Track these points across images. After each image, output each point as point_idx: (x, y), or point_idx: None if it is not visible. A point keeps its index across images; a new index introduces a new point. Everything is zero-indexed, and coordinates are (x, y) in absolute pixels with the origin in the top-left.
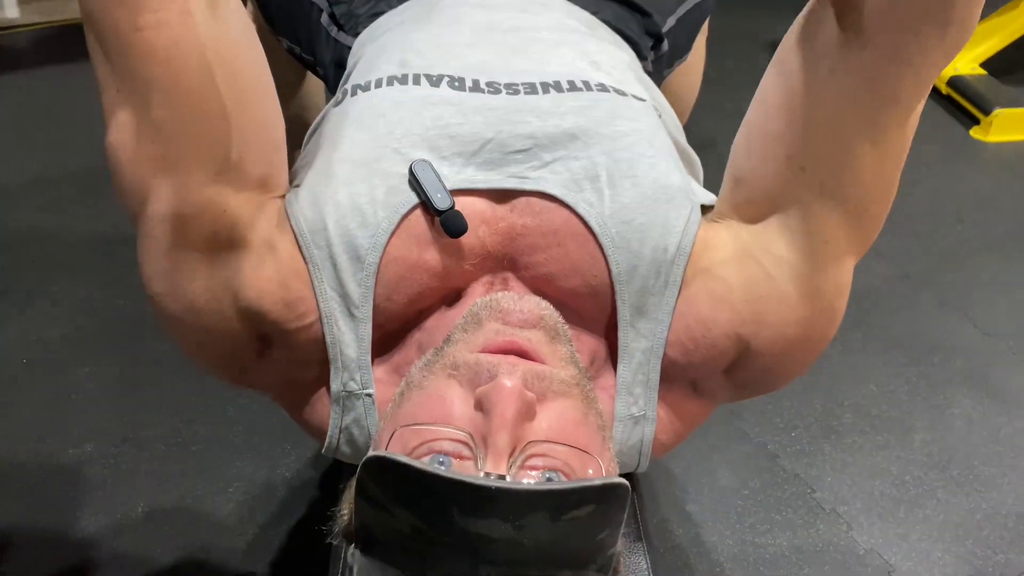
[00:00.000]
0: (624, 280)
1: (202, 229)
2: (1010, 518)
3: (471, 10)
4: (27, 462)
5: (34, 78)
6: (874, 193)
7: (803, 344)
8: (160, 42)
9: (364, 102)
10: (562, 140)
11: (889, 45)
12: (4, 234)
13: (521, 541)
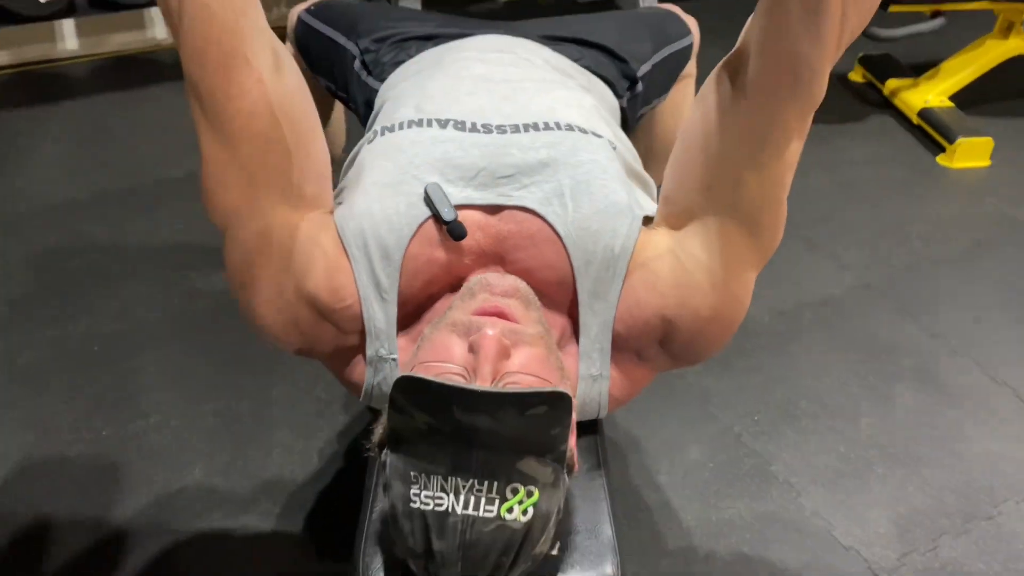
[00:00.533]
0: (582, 272)
1: (271, 236)
2: (937, 489)
3: (472, 64)
4: (102, 430)
5: (92, 104)
6: (762, 209)
7: (714, 324)
8: (244, 104)
9: (390, 140)
10: (537, 168)
11: (760, 102)
12: (72, 243)
13: (499, 431)
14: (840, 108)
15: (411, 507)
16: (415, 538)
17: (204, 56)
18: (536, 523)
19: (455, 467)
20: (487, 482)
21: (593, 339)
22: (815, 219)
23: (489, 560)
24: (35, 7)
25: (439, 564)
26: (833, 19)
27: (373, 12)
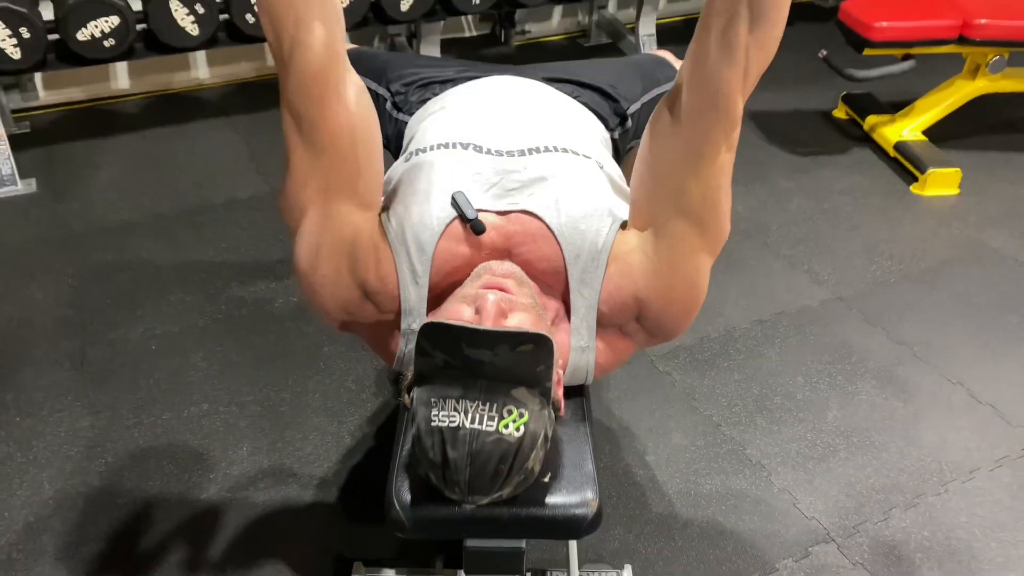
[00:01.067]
0: (572, 263)
1: (337, 230)
2: (892, 471)
3: (487, 100)
4: (162, 415)
5: (142, 137)
6: (704, 208)
7: (676, 303)
8: (331, 126)
9: (424, 159)
10: (538, 181)
11: (691, 125)
12: (127, 258)
13: (497, 363)
14: (824, 142)
15: (431, 425)
16: (434, 451)
17: (307, 89)
18: (527, 439)
19: (464, 392)
20: (488, 403)
21: (581, 317)
22: (796, 240)
23: (490, 466)
24: (99, 50)
25: (453, 471)
26: (738, 62)
27: (399, 60)
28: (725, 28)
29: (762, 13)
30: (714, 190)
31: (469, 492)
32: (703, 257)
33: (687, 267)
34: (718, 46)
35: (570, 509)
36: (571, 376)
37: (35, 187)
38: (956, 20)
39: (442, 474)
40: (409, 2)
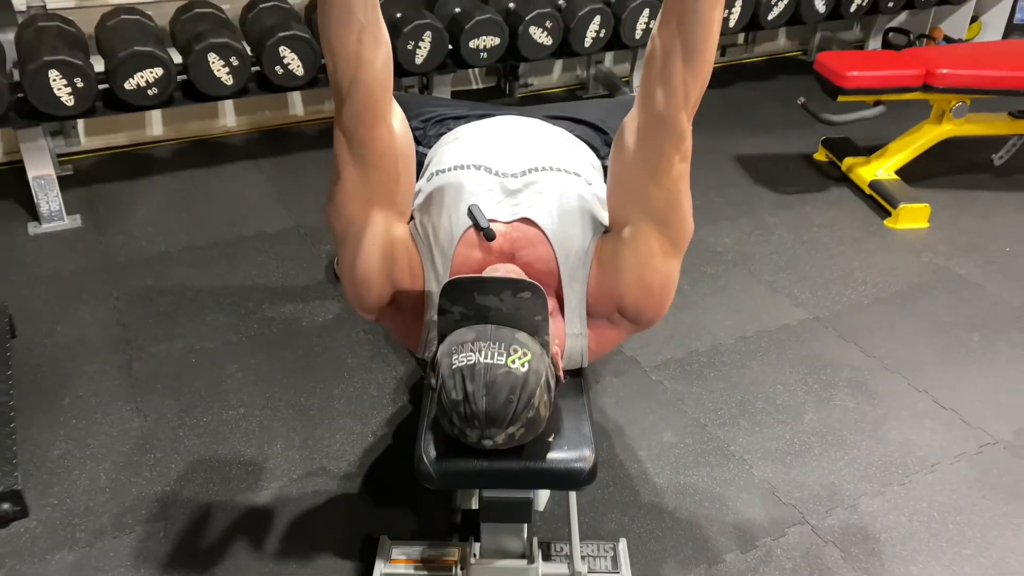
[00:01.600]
0: (563, 263)
1: (377, 236)
2: (862, 465)
3: (495, 131)
4: (202, 418)
5: (175, 178)
6: (667, 210)
7: (650, 295)
8: (378, 147)
9: (444, 178)
10: (536, 195)
11: (646, 142)
12: (166, 284)
13: (501, 308)
14: (805, 181)
15: (452, 368)
16: (456, 389)
17: (361, 116)
18: (531, 374)
19: (477, 336)
20: (498, 343)
21: (573, 308)
22: (777, 267)
23: (502, 395)
24: (143, 98)
25: (472, 402)
26: (678, 90)
27: (418, 101)
28: (663, 64)
29: (693, 49)
30: (674, 194)
31: (486, 424)
32: (670, 252)
33: (656, 261)
34: (660, 79)
35: (571, 463)
36: (568, 359)
37: (80, 222)
38: (920, 70)
39: (463, 410)
40: (423, 56)
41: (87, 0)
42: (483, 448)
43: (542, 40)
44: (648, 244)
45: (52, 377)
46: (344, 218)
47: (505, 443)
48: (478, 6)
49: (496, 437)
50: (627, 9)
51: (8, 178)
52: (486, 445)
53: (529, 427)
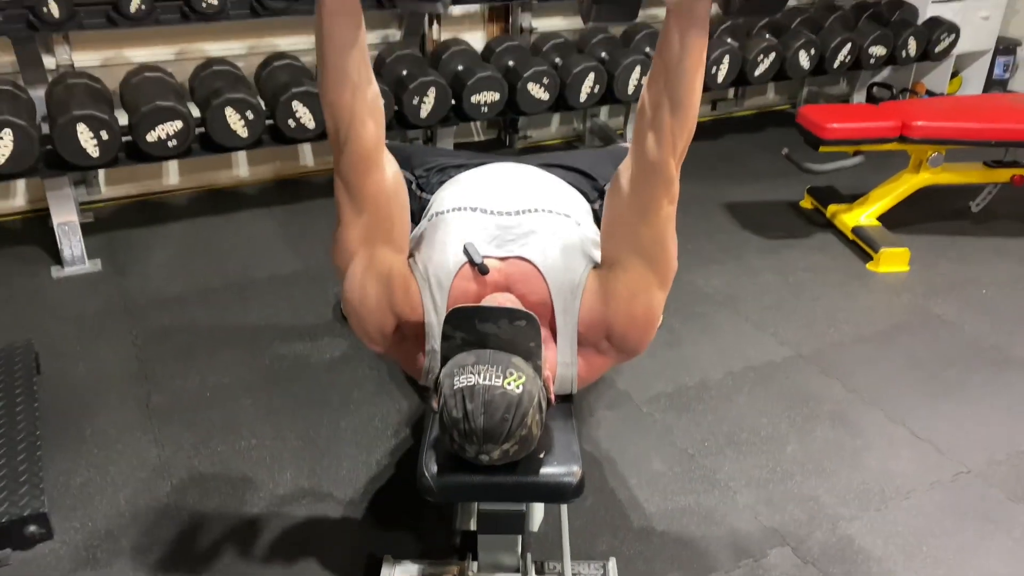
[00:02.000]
0: (556, 296)
1: (376, 269)
2: (840, 492)
3: (492, 176)
4: (217, 447)
5: (192, 224)
6: (654, 248)
7: (635, 326)
8: (373, 191)
9: (443, 219)
10: (529, 234)
11: (637, 187)
12: (182, 323)
13: (499, 335)
14: (791, 228)
15: (454, 388)
16: (457, 407)
17: (357, 165)
18: (525, 395)
19: (477, 359)
20: (495, 366)
21: (565, 339)
22: (763, 308)
23: (499, 414)
24: (163, 149)
25: (471, 419)
26: (666, 139)
27: (422, 151)
28: (653, 116)
29: (679, 104)
30: (661, 234)
31: (484, 440)
32: (656, 287)
33: (643, 295)
34: (650, 128)
35: (560, 478)
36: (559, 386)
37: (100, 266)
38: (896, 122)
39: (463, 427)
40: (427, 110)
41: (112, 59)
42: (480, 463)
43: (540, 95)
44: (637, 278)
45: (75, 410)
46: (346, 255)
47: (500, 459)
48: (479, 64)
49: (492, 453)
50: (619, 67)
51: (33, 225)
52: (483, 460)
53: (522, 444)
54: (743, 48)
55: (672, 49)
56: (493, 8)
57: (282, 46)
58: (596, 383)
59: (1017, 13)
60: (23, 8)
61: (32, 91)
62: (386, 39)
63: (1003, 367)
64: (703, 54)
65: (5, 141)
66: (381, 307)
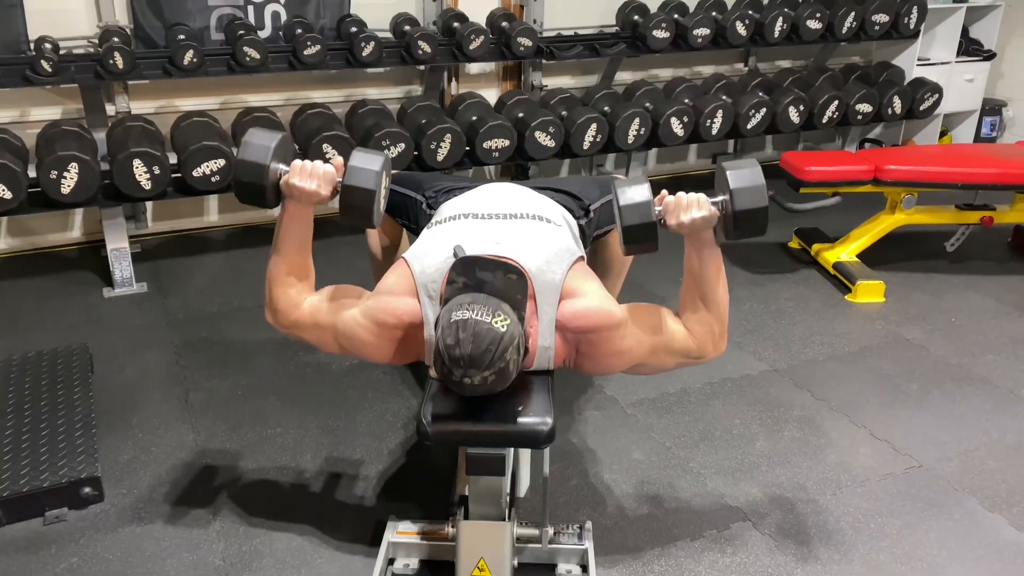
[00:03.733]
0: (539, 291)
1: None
2: (801, 480)
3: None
4: (246, 435)
5: (229, 256)
6: (649, 360)
7: (615, 357)
8: (306, 316)
9: (441, 227)
10: (516, 238)
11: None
12: (220, 336)
13: (494, 283)
14: (777, 264)
15: (451, 320)
16: (451, 335)
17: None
18: (507, 334)
19: (473, 300)
20: (487, 307)
21: (545, 326)
22: (745, 331)
23: (483, 344)
24: (207, 184)
25: (460, 346)
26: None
27: (431, 177)
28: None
29: (713, 295)
30: (659, 360)
31: (469, 365)
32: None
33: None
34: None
35: (535, 426)
36: (538, 362)
37: (146, 288)
38: (870, 166)
39: (454, 352)
40: (443, 154)
41: (165, 107)
42: (463, 386)
43: (546, 143)
44: (642, 345)
45: (123, 402)
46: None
47: (480, 384)
48: (492, 114)
49: (474, 377)
50: (620, 118)
51: (87, 254)
52: (465, 383)
53: (499, 375)
54: (736, 104)
55: (694, 263)
56: (507, 67)
57: (315, 97)
58: (585, 389)
59: (1002, 76)
60: (92, 60)
61: (95, 132)
62: (408, 93)
63: (962, 383)
64: (719, 263)
65: (71, 174)
66: (372, 341)
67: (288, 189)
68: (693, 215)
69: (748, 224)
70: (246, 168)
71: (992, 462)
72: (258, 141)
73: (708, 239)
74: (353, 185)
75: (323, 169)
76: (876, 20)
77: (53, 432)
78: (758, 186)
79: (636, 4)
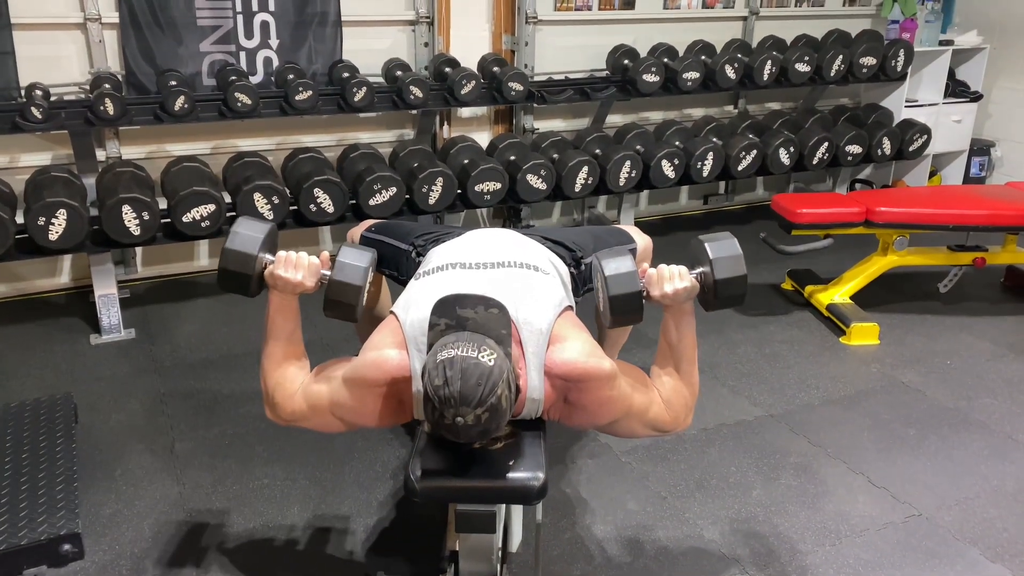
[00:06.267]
0: (526, 340)
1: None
2: (799, 530)
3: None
4: (232, 486)
5: (218, 301)
6: (625, 424)
7: (602, 410)
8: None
9: (429, 277)
10: (505, 288)
11: (641, 403)
12: (207, 383)
13: (476, 319)
14: (771, 306)
15: (437, 361)
16: (439, 376)
17: (279, 418)
18: (495, 369)
19: (457, 338)
20: (472, 343)
21: (534, 371)
22: (739, 374)
23: (473, 380)
24: (197, 230)
25: (449, 384)
26: (681, 393)
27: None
28: (664, 379)
29: (687, 365)
30: (633, 426)
31: (460, 403)
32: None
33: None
34: (670, 389)
35: (526, 482)
36: (528, 411)
37: (134, 334)
38: (861, 208)
39: (443, 392)
40: (435, 197)
41: (156, 152)
42: (457, 427)
43: (538, 185)
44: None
45: (107, 453)
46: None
47: (473, 424)
48: (483, 157)
49: (467, 416)
50: (611, 161)
51: (75, 300)
52: (458, 423)
53: (492, 413)
54: (726, 146)
55: (671, 334)
56: (498, 110)
57: (307, 141)
58: (579, 437)
59: (990, 117)
60: (82, 107)
61: (85, 178)
62: (401, 137)
63: (960, 428)
64: (694, 330)
65: (60, 220)
66: (360, 401)
67: (272, 280)
68: (676, 286)
69: (729, 291)
70: (233, 257)
71: (993, 510)
72: (247, 231)
73: (688, 310)
74: (340, 280)
75: (308, 261)
76: (864, 63)
77: (33, 486)
78: (736, 255)
79: (626, 49)
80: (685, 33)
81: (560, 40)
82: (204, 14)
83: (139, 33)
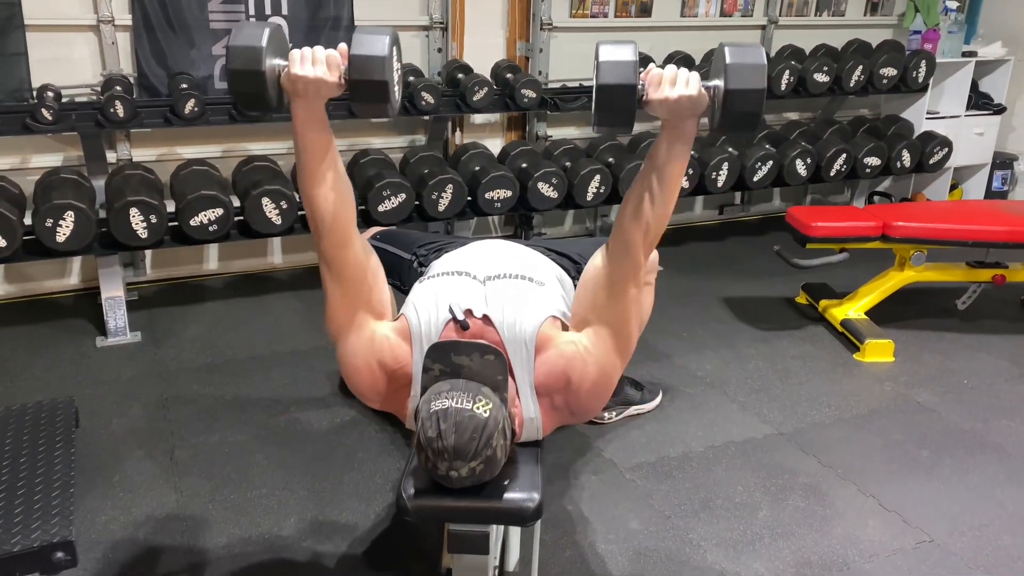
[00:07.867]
0: (512, 353)
1: (362, 334)
2: (806, 554)
3: (479, 248)
4: (230, 495)
5: (224, 305)
6: (618, 322)
7: (596, 386)
8: (349, 265)
9: (433, 281)
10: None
11: (611, 264)
12: (211, 389)
13: (471, 367)
14: (784, 320)
15: (430, 411)
16: (432, 428)
17: (335, 246)
18: (491, 420)
19: (451, 387)
20: (466, 392)
21: (527, 394)
22: (749, 390)
23: (467, 433)
24: (205, 234)
25: (443, 438)
26: (642, 225)
27: (422, 236)
28: (637, 204)
29: (659, 198)
30: (624, 312)
31: (453, 456)
32: (615, 355)
33: (603, 358)
34: (632, 215)
35: (521, 503)
36: (526, 435)
37: (140, 338)
38: (878, 222)
39: (436, 445)
40: (445, 204)
41: (166, 155)
42: (450, 479)
43: (549, 194)
44: (600, 342)
45: (106, 459)
46: (334, 325)
47: (468, 476)
48: (495, 165)
49: (461, 470)
50: (624, 169)
51: (83, 301)
52: (452, 476)
53: (487, 464)
54: (742, 156)
55: (660, 155)
56: (511, 117)
57: None
58: (583, 451)
59: (1014, 130)
60: (93, 109)
61: (94, 180)
62: (413, 142)
63: (975, 450)
64: (685, 163)
65: (67, 222)
66: (370, 367)
67: (291, 83)
68: (680, 91)
69: (741, 106)
70: (240, 54)
71: (1007, 537)
72: (250, 28)
73: (687, 132)
74: (362, 54)
75: (326, 53)
76: (884, 74)
77: (29, 491)
78: (759, 65)
79: (642, 57)
80: (702, 41)
81: (575, 47)
82: (217, 17)
83: (152, 36)
